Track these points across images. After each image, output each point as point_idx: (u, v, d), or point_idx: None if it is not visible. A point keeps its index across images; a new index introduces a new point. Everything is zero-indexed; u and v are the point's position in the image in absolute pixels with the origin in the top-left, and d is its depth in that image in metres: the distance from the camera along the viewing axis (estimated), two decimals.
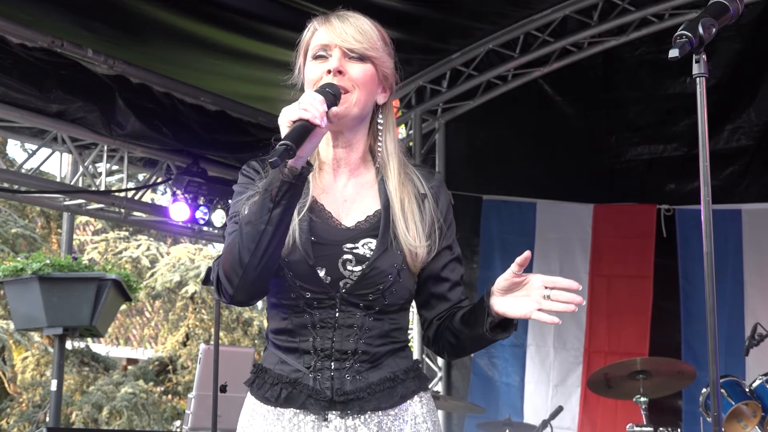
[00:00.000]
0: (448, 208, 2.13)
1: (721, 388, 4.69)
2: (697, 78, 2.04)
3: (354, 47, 2.01)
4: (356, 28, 2.03)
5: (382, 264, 1.98)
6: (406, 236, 2.00)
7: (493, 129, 7.63)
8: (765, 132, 6.62)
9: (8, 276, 5.77)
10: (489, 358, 7.27)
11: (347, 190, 2.07)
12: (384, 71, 2.07)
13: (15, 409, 12.27)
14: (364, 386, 1.96)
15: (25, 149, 11.67)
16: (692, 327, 6.58)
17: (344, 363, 1.97)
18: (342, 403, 1.95)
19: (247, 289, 1.93)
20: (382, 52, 2.06)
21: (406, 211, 2.03)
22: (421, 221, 2.04)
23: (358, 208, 2.05)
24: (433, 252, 2.05)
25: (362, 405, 1.96)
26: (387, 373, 2.00)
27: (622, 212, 7.04)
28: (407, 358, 2.06)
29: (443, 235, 2.09)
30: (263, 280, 1.94)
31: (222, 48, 5.99)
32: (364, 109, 2.04)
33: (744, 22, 6.40)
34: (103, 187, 6.46)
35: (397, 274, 1.99)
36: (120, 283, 5.88)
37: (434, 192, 2.09)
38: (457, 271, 2.12)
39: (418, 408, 2.02)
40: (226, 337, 13.09)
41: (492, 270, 7.29)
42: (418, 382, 2.05)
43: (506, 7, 6.65)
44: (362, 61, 2.02)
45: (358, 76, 2.01)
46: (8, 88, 5.27)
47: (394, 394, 1.99)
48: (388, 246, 1.99)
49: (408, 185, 2.07)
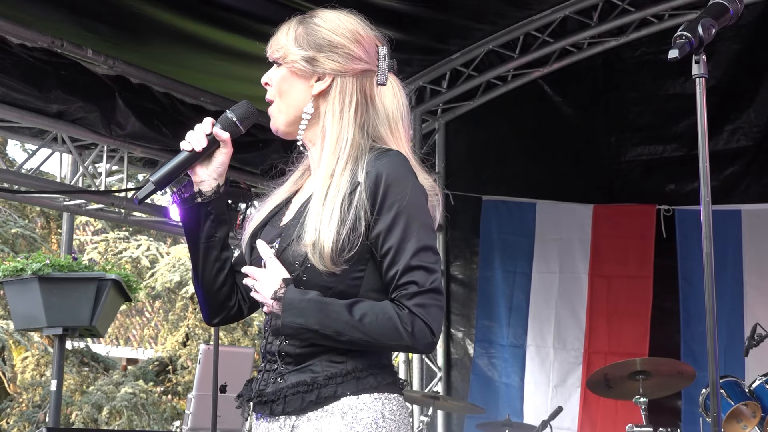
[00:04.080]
0: (388, 191, 1.88)
1: (720, 388, 4.69)
2: (696, 78, 2.05)
3: (270, 56, 2.07)
4: (278, 34, 2.06)
5: (284, 260, 1.93)
6: (312, 231, 1.88)
7: (493, 129, 7.63)
8: (765, 132, 6.61)
9: (8, 276, 5.75)
10: (489, 358, 7.27)
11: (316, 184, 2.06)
12: (294, 66, 2.01)
13: (15, 409, 12.27)
14: (278, 389, 1.93)
15: (25, 149, 11.68)
16: (692, 327, 6.58)
17: (273, 365, 1.96)
18: (259, 404, 1.96)
19: (207, 310, 2.10)
20: (287, 47, 2.02)
21: (326, 204, 1.89)
22: (339, 215, 1.87)
23: (299, 204, 2.04)
24: (349, 247, 1.86)
25: (273, 408, 1.93)
26: (307, 377, 1.90)
27: (622, 213, 7.04)
28: (343, 362, 1.90)
29: (367, 223, 1.88)
30: (213, 302, 2.09)
31: (222, 48, 5.99)
32: (294, 112, 2.03)
33: (744, 23, 6.40)
34: (103, 188, 6.45)
35: (302, 271, 1.90)
36: (120, 283, 5.87)
37: (371, 176, 1.89)
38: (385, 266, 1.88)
39: (338, 415, 1.88)
40: (226, 338, 13.09)
41: (492, 270, 7.29)
42: (343, 388, 1.89)
43: (506, 7, 6.65)
44: (278, 67, 2.06)
45: (275, 83, 2.05)
46: (8, 88, 5.26)
47: (304, 398, 1.89)
48: (290, 241, 1.93)
49: (344, 175, 1.91)
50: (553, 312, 7.06)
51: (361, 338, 1.85)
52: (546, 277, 7.13)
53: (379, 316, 1.85)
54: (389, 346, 1.91)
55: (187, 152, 1.99)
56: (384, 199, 1.88)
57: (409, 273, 1.86)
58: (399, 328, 1.85)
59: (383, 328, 1.85)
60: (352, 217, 1.87)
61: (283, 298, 1.88)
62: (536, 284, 7.15)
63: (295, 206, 2.04)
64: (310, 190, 2.00)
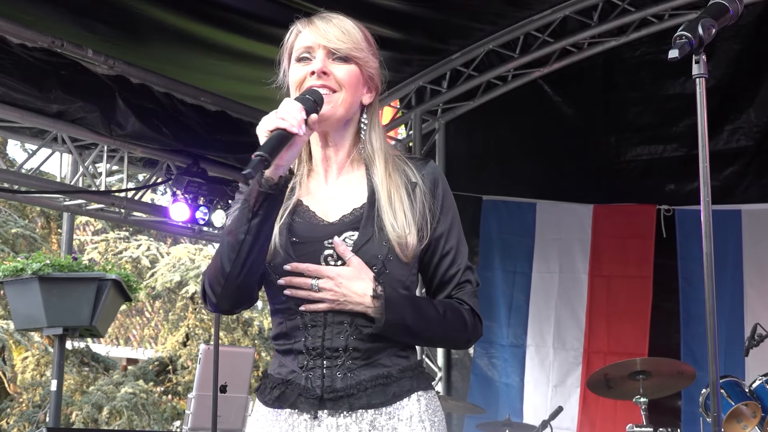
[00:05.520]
0: (445, 194, 2.08)
1: (720, 388, 4.69)
2: (696, 78, 2.05)
3: (338, 47, 2.00)
4: (340, 29, 2.01)
5: (364, 255, 1.94)
6: (393, 225, 1.96)
7: (493, 129, 7.63)
8: (764, 132, 6.62)
9: (8, 276, 5.76)
10: (489, 358, 7.27)
11: (335, 188, 2.06)
12: (369, 72, 2.06)
13: (15, 409, 12.27)
14: (354, 383, 1.93)
15: (25, 149, 11.68)
16: (692, 327, 6.58)
17: (336, 360, 1.94)
18: (331, 400, 1.93)
19: (230, 298, 1.97)
20: (366, 52, 2.04)
21: (394, 201, 1.99)
22: (410, 210, 1.99)
23: (344, 203, 2.03)
24: (425, 240, 2.00)
25: (352, 402, 1.93)
26: (380, 371, 1.95)
27: (622, 212, 7.04)
28: (407, 357, 2.01)
29: (436, 221, 2.04)
30: (245, 289, 1.96)
31: (222, 48, 5.99)
32: (349, 110, 2.03)
33: (744, 23, 6.41)
34: (103, 188, 6.46)
35: (383, 265, 1.95)
36: (120, 283, 5.87)
37: (429, 179, 2.06)
38: (446, 265, 2.05)
39: (415, 408, 1.97)
40: (226, 337, 13.09)
41: (492, 270, 7.29)
42: (416, 382, 2.00)
43: (506, 7, 6.65)
44: (346, 62, 2.01)
45: (343, 77, 2.00)
46: (8, 88, 5.27)
47: (386, 392, 1.95)
48: (371, 237, 1.96)
49: (396, 175, 2.03)
50: (553, 312, 7.06)
51: (439, 334, 2.03)
52: (546, 277, 7.14)
53: (456, 313, 2.02)
54: (453, 340, 2.08)
55: (283, 132, 1.84)
56: (443, 203, 2.07)
57: (466, 272, 2.06)
58: (467, 324, 2.03)
59: (458, 323, 2.02)
60: (420, 212, 2.01)
61: (383, 296, 1.92)
62: (536, 284, 7.16)
63: (333, 205, 2.02)
64: (334, 190, 2.04)
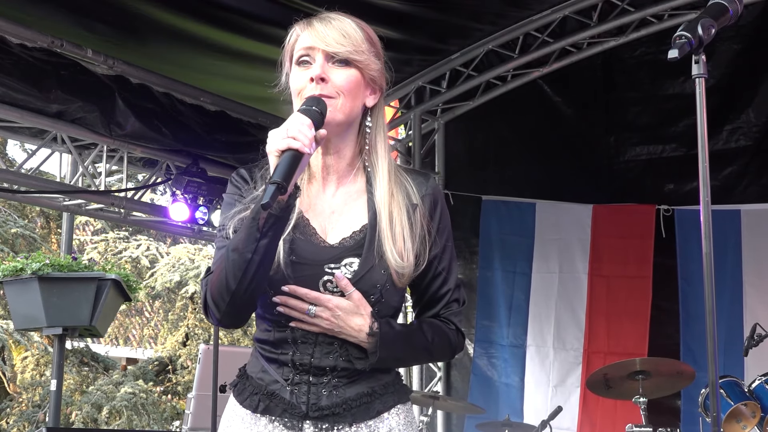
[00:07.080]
0: (443, 215, 2.03)
1: (720, 388, 4.69)
2: (696, 78, 2.05)
3: (337, 51, 1.93)
4: (339, 31, 1.94)
5: (364, 285, 1.92)
6: (392, 254, 1.92)
7: (493, 129, 7.63)
8: (764, 132, 6.62)
9: (8, 276, 5.75)
10: (488, 358, 7.27)
11: (335, 200, 2.00)
12: (370, 74, 1.98)
13: (15, 409, 12.28)
14: (340, 402, 1.92)
15: (25, 149, 11.69)
16: (691, 327, 6.58)
17: (322, 378, 1.93)
18: (316, 418, 1.92)
19: (234, 314, 1.93)
20: (367, 54, 1.97)
21: (395, 226, 1.94)
22: (410, 236, 1.95)
23: (344, 222, 1.98)
24: (422, 266, 1.98)
25: (336, 420, 1.93)
26: (365, 389, 1.95)
27: (622, 213, 7.04)
28: (389, 371, 2.01)
29: (433, 243, 1.99)
30: (250, 305, 1.94)
31: (222, 48, 5.99)
32: (350, 115, 1.96)
33: (743, 23, 6.40)
34: (103, 187, 6.46)
35: (380, 295, 1.94)
36: (120, 283, 5.87)
37: (429, 200, 2.01)
38: (437, 285, 2.04)
39: (394, 421, 1.98)
40: (225, 337, 13.09)
41: (491, 270, 7.29)
42: (397, 396, 2.00)
43: (506, 7, 6.65)
44: (346, 66, 1.95)
45: (342, 83, 1.94)
46: (8, 88, 5.27)
47: (370, 409, 1.95)
48: (371, 266, 1.92)
49: (399, 195, 1.98)
50: (553, 312, 7.06)
51: (425, 359, 2.14)
52: (546, 277, 7.14)
53: (443, 337, 2.04)
54: (437, 360, 2.17)
55: (295, 152, 1.81)
56: (439, 223, 2.03)
57: (455, 292, 2.07)
58: (452, 344, 2.06)
59: (444, 346, 2.05)
60: (420, 237, 1.98)
61: (378, 333, 1.92)
62: (536, 284, 7.16)
63: (332, 222, 1.98)
64: (333, 203, 1.99)
